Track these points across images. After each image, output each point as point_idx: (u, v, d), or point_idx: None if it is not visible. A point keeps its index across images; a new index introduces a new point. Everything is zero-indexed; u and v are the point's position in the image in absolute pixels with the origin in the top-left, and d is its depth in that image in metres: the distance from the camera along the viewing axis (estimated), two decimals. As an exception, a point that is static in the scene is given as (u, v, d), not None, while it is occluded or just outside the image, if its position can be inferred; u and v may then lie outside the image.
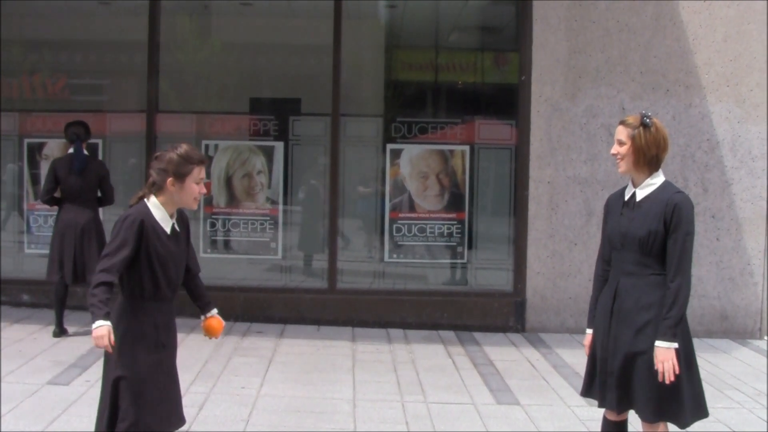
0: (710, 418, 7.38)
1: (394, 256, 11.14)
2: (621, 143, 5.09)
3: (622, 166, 5.10)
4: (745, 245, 10.67)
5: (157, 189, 4.85)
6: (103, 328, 4.54)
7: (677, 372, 4.82)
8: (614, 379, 5.03)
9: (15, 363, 8.30)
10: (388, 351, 9.56)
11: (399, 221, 11.06)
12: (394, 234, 11.07)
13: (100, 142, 11.16)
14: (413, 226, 11.05)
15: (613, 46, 10.65)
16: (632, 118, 5.13)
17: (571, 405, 7.70)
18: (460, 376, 8.60)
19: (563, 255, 10.67)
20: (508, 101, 11.13)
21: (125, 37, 11.53)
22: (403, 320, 10.70)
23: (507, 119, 11.06)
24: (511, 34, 11.60)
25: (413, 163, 11.10)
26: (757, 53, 10.64)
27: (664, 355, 4.81)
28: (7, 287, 10.85)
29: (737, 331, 10.70)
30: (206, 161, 4.97)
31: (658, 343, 4.83)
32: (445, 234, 11.08)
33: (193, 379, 7.96)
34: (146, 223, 4.76)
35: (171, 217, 4.88)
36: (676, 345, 4.82)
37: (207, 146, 11.14)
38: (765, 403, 7.97)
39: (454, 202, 11.10)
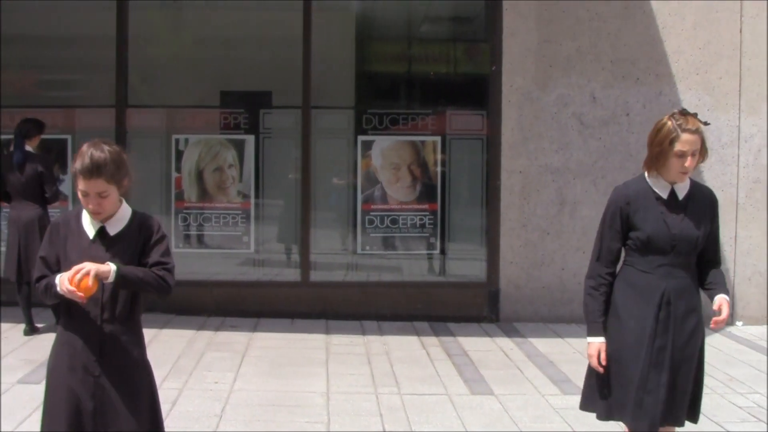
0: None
1: (367, 248, 11.12)
2: (695, 154, 4.65)
3: (687, 177, 4.76)
4: (717, 232, 10.70)
5: None
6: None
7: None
8: (664, 392, 4.64)
9: (-15, 362, 8.24)
10: (362, 343, 9.54)
11: (371, 213, 11.04)
12: (367, 226, 11.05)
13: (69, 138, 11.08)
14: (386, 218, 11.03)
15: (583, 35, 10.66)
16: (696, 122, 4.64)
17: (545, 394, 7.71)
18: (434, 367, 8.59)
19: (536, 244, 10.68)
20: (479, 91, 11.13)
21: (94, 31, 11.43)
22: (377, 312, 10.67)
23: (478, 109, 11.06)
24: (482, 24, 11.60)
25: (385, 154, 11.08)
26: (726, 41, 10.68)
27: (728, 304, 4.80)
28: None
29: (709, 317, 10.70)
30: (93, 173, 4.09)
31: (723, 295, 4.79)
32: (418, 225, 11.07)
33: (166, 375, 7.90)
34: (61, 229, 4.24)
35: (105, 220, 4.22)
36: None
37: (177, 140, 11.08)
38: (736, 389, 8.01)
39: (427, 193, 11.09)
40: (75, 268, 4.00)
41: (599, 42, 10.65)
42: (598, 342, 4.76)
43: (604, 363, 4.73)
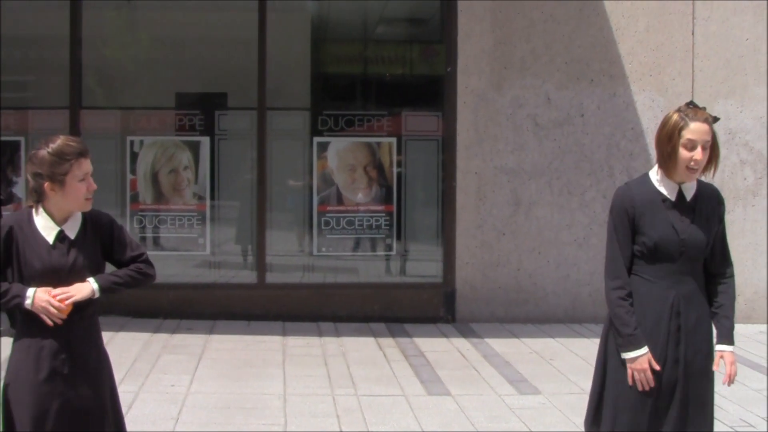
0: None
1: (323, 249, 11.10)
2: (706, 147, 4.32)
3: (695, 175, 4.40)
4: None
5: (39, 196, 4.12)
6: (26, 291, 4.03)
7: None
8: (677, 408, 4.37)
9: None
10: (318, 345, 9.53)
11: (327, 214, 11.03)
12: (323, 227, 11.03)
13: (22, 139, 10.96)
14: (342, 219, 11.02)
15: (538, 37, 10.73)
16: (705, 114, 4.35)
17: (502, 394, 7.74)
18: (390, 368, 8.60)
19: (492, 245, 10.73)
20: (434, 93, 11.17)
21: (47, 32, 11.33)
22: (334, 313, 10.66)
23: (434, 111, 11.09)
24: (437, 26, 11.63)
25: (340, 156, 11.08)
26: (678, 43, 10.80)
27: (733, 357, 4.44)
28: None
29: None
30: (87, 152, 4.14)
31: (724, 347, 4.43)
32: (374, 226, 11.07)
33: (122, 378, 7.85)
34: (16, 231, 4.09)
35: (62, 222, 4.15)
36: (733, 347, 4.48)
37: (132, 142, 11.00)
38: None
39: (382, 195, 11.10)
40: (61, 294, 4.04)
41: (553, 44, 10.73)
42: (644, 352, 4.36)
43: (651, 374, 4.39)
